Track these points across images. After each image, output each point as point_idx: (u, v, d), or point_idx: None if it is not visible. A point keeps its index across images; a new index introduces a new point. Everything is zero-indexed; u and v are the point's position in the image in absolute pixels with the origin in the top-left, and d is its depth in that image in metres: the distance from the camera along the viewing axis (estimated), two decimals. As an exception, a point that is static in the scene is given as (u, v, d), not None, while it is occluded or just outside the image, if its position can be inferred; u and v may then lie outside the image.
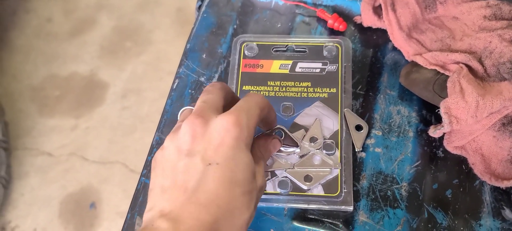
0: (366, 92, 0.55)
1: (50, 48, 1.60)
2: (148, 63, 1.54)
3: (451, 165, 0.50)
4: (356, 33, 0.59)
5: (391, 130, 0.53)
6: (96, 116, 1.46)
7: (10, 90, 1.51)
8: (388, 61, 0.57)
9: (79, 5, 1.69)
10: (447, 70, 0.51)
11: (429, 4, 0.57)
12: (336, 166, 0.49)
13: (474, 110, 0.46)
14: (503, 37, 0.50)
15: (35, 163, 1.39)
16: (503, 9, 0.54)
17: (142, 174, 0.52)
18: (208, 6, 0.62)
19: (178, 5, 1.65)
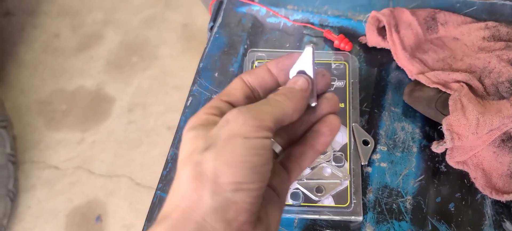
0: (371, 109, 0.58)
1: (57, 63, 1.63)
2: (154, 78, 1.57)
3: (453, 179, 0.53)
4: (361, 53, 0.62)
5: (395, 145, 0.55)
6: (102, 130, 1.48)
7: (18, 104, 1.54)
8: (392, 80, 0.60)
9: (86, 21, 1.72)
10: (448, 88, 0.54)
11: (431, 26, 0.60)
12: (346, 177, 0.52)
13: (474, 127, 0.49)
14: (501, 57, 0.53)
15: (41, 176, 1.41)
16: (501, 31, 0.57)
17: (158, 188, 0.54)
18: (220, 27, 0.65)
19: (183, 21, 1.69)
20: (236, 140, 0.28)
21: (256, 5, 0.66)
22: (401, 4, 0.65)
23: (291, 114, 0.32)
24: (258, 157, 0.28)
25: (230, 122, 0.29)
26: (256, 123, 0.29)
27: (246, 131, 0.28)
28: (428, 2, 0.65)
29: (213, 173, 0.28)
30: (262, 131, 0.29)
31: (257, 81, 0.34)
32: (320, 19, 0.65)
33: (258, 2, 0.67)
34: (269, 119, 0.30)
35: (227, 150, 0.28)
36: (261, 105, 0.31)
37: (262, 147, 0.29)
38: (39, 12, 1.75)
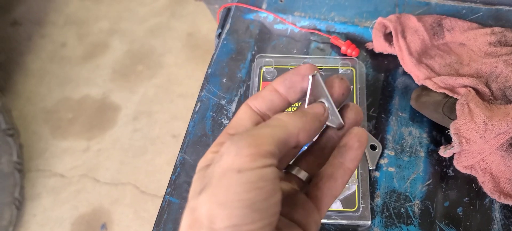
0: (378, 114, 0.58)
1: (63, 72, 1.64)
2: (159, 86, 1.58)
3: (461, 184, 0.53)
4: (368, 59, 0.63)
5: (403, 150, 0.55)
6: (107, 138, 1.49)
7: (24, 113, 1.55)
8: (399, 85, 0.60)
9: (93, 30, 1.74)
10: (455, 93, 0.54)
11: (437, 31, 0.61)
12: (353, 182, 0.52)
13: (482, 131, 0.49)
14: (508, 62, 0.53)
15: (47, 184, 1.41)
16: (507, 36, 0.57)
17: (167, 192, 0.55)
18: (228, 33, 0.66)
19: (188, 30, 1.70)
20: (230, 175, 0.24)
21: (264, 12, 0.67)
22: (407, 10, 0.66)
23: (298, 134, 0.28)
24: (256, 191, 0.24)
25: (223, 156, 0.25)
26: (251, 150, 0.25)
27: (240, 163, 0.24)
28: (434, 8, 0.66)
29: (207, 218, 0.24)
30: (260, 159, 0.25)
31: (265, 105, 0.31)
32: (327, 25, 0.66)
33: (265, 9, 0.67)
34: (268, 142, 0.26)
35: (220, 189, 0.24)
36: (258, 129, 0.27)
37: (260, 178, 0.24)
38: (46, 22, 1.77)
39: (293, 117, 0.28)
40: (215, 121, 0.59)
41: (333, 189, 0.30)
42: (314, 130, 0.29)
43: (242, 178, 0.24)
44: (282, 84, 0.31)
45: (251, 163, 0.24)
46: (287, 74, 0.31)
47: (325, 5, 0.67)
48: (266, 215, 0.25)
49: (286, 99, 0.31)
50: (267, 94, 0.31)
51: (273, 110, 0.31)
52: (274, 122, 0.27)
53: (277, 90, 0.31)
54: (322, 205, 0.30)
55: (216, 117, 0.60)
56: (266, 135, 0.26)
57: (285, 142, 0.27)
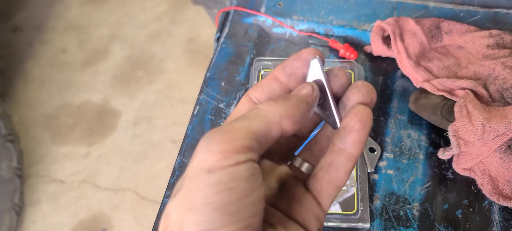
0: (377, 117, 0.58)
1: (64, 77, 1.65)
2: (159, 92, 1.58)
3: (460, 186, 0.53)
4: (366, 62, 0.63)
5: (402, 152, 0.55)
6: (108, 143, 1.49)
7: (24, 119, 1.55)
8: (398, 88, 0.60)
9: (93, 36, 1.75)
10: (454, 95, 0.54)
11: (435, 34, 0.61)
12: (352, 184, 0.52)
13: (480, 133, 0.49)
14: (505, 64, 0.53)
15: (47, 190, 1.41)
16: (505, 39, 0.57)
17: (165, 196, 0.55)
18: (227, 37, 0.66)
19: (189, 36, 1.71)
20: (200, 176, 0.22)
21: (262, 16, 0.67)
22: (405, 13, 0.66)
23: (280, 122, 0.25)
24: (227, 192, 0.22)
25: (195, 155, 0.23)
26: (222, 146, 0.22)
27: (211, 161, 0.22)
28: (432, 11, 0.66)
29: (177, 223, 0.22)
30: (232, 155, 0.22)
31: (265, 94, 0.29)
32: (325, 29, 0.66)
33: (264, 13, 0.68)
34: (242, 136, 0.23)
35: (190, 192, 0.22)
36: (233, 122, 0.24)
37: (231, 178, 0.22)
38: (47, 28, 1.78)
39: (273, 104, 0.25)
40: (214, 124, 0.59)
41: (334, 179, 0.27)
42: (300, 114, 0.26)
43: (211, 179, 0.22)
44: (282, 71, 0.28)
45: (222, 161, 0.22)
46: (288, 61, 0.29)
47: (324, 9, 0.68)
48: (241, 217, 0.22)
49: (287, 88, 0.29)
50: (267, 84, 0.29)
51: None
52: (252, 112, 0.25)
53: (277, 78, 0.29)
54: (323, 198, 0.27)
55: (215, 120, 0.60)
56: (240, 128, 0.23)
57: (265, 133, 0.24)
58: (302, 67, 0.28)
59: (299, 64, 0.28)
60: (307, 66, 0.28)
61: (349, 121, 0.26)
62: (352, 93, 0.27)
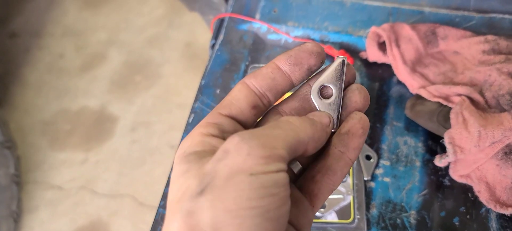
0: (373, 124, 0.58)
1: (61, 83, 1.64)
2: (157, 97, 1.58)
3: (457, 193, 0.52)
4: (362, 68, 0.63)
5: (398, 160, 0.55)
6: (106, 149, 1.48)
7: (22, 125, 1.54)
8: (394, 94, 0.60)
9: (90, 41, 1.74)
10: (450, 102, 0.54)
11: (431, 40, 0.61)
12: (349, 192, 0.52)
13: (476, 140, 0.49)
14: (501, 70, 0.53)
15: (45, 197, 1.40)
16: (500, 44, 0.57)
17: (160, 205, 0.54)
18: (222, 44, 0.66)
19: (186, 40, 1.70)
20: (240, 178, 0.21)
21: (257, 22, 0.67)
22: (401, 19, 0.66)
23: (308, 142, 0.25)
24: (270, 198, 0.21)
25: (230, 154, 0.22)
26: (266, 152, 0.22)
27: (253, 164, 0.21)
28: (428, 17, 0.66)
29: (211, 226, 0.21)
30: (274, 162, 0.22)
31: (265, 84, 0.27)
32: (321, 35, 0.66)
33: (259, 19, 0.67)
34: (281, 145, 0.23)
35: (229, 194, 0.21)
36: (270, 129, 0.24)
37: (275, 184, 0.22)
38: (44, 34, 1.78)
39: (304, 123, 0.25)
40: (209, 132, 0.59)
41: (331, 183, 0.27)
42: (322, 141, 0.26)
43: (255, 182, 0.21)
44: (286, 61, 0.27)
45: (265, 166, 0.22)
46: (293, 51, 0.27)
47: (319, 15, 0.67)
48: (278, 225, 0.22)
49: (290, 79, 0.28)
50: (269, 72, 0.27)
51: (274, 90, 0.27)
52: (286, 125, 0.24)
53: (280, 68, 0.27)
54: (318, 201, 0.27)
55: (210, 129, 0.59)
56: (280, 138, 0.23)
57: (295, 148, 0.24)
58: (308, 59, 0.27)
59: (306, 55, 0.27)
60: (314, 59, 0.27)
61: (352, 127, 0.27)
62: (354, 94, 0.28)
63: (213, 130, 0.26)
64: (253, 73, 0.27)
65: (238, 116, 0.27)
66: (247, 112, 0.27)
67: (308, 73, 0.28)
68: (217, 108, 0.28)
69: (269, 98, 0.28)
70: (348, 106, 0.28)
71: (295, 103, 0.29)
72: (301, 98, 0.29)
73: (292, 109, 0.29)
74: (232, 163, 0.22)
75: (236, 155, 0.22)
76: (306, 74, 0.28)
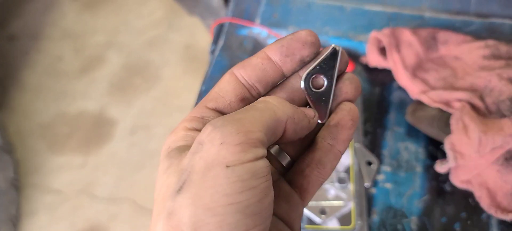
0: (374, 129, 0.58)
1: (60, 86, 1.64)
2: (157, 99, 1.57)
3: (458, 199, 0.52)
4: (363, 73, 0.63)
5: (399, 165, 0.55)
6: (105, 153, 1.48)
7: (20, 128, 1.54)
8: (395, 99, 0.60)
9: (89, 44, 1.74)
10: (450, 107, 0.54)
11: (431, 45, 0.61)
12: (349, 199, 0.51)
13: (477, 146, 0.49)
14: (501, 76, 0.53)
15: (44, 201, 1.40)
16: (500, 50, 0.57)
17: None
18: (222, 49, 0.66)
19: (186, 42, 1.70)
20: (216, 171, 0.20)
21: (257, 28, 0.67)
22: (401, 23, 0.66)
23: (286, 121, 0.23)
24: (251, 191, 0.20)
25: (204, 145, 0.21)
26: (240, 138, 0.20)
27: (227, 154, 0.20)
28: (428, 21, 0.66)
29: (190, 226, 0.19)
30: (251, 148, 0.20)
31: (254, 74, 0.26)
32: (321, 40, 0.65)
33: (259, 24, 0.67)
34: (257, 127, 0.21)
35: (206, 189, 0.20)
36: (244, 112, 0.22)
37: (253, 175, 0.20)
38: (43, 36, 1.77)
39: (282, 101, 0.24)
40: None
41: (321, 176, 0.26)
42: (301, 126, 0.24)
43: (232, 175, 0.20)
44: (278, 51, 0.26)
45: (240, 155, 0.20)
46: (284, 40, 0.26)
47: (319, 20, 0.67)
48: (261, 220, 0.20)
49: (280, 70, 0.26)
50: (258, 63, 0.26)
51: (264, 82, 0.26)
52: (261, 104, 0.23)
53: (270, 58, 0.26)
54: (308, 195, 0.26)
55: (211, 135, 0.59)
56: (255, 119, 0.21)
57: (273, 129, 0.22)
58: (301, 49, 0.26)
59: (298, 45, 0.26)
60: (307, 49, 0.26)
61: (342, 118, 0.26)
62: (345, 84, 0.27)
63: (197, 123, 0.25)
64: (242, 63, 0.26)
65: (225, 109, 0.26)
66: (235, 105, 0.26)
67: (301, 64, 0.26)
68: (203, 101, 0.26)
69: (259, 90, 0.26)
70: (338, 97, 0.27)
71: (282, 94, 0.27)
72: (290, 89, 0.27)
73: None
74: (206, 155, 0.20)
75: (210, 145, 0.20)
76: (298, 65, 0.26)
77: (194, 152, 0.21)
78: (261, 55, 0.26)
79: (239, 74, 0.26)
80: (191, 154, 0.21)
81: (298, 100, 0.27)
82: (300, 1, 0.69)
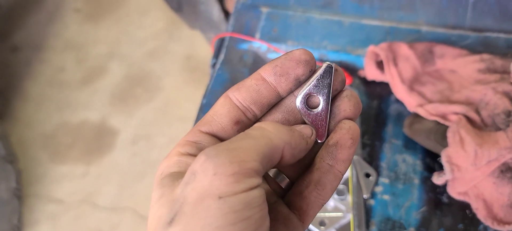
0: (372, 142, 0.59)
1: (62, 96, 1.65)
2: (158, 109, 1.59)
3: (455, 210, 0.53)
4: (360, 86, 0.64)
5: (397, 177, 0.56)
6: (106, 162, 1.49)
7: (22, 138, 1.55)
8: (392, 112, 0.61)
9: (91, 55, 1.76)
10: (447, 120, 0.55)
11: (428, 59, 0.62)
12: (348, 210, 0.52)
13: (473, 159, 0.50)
14: (496, 90, 0.54)
15: (46, 210, 1.41)
16: (495, 63, 0.58)
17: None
18: (222, 63, 0.67)
19: (187, 53, 1.72)
20: (208, 203, 0.19)
21: (257, 42, 0.68)
22: (398, 37, 0.67)
23: (283, 148, 0.23)
24: (244, 222, 0.19)
25: (197, 175, 0.20)
26: (234, 168, 0.20)
27: (221, 185, 0.19)
28: (425, 35, 0.67)
29: None
30: (245, 179, 0.20)
31: (249, 96, 0.25)
32: (320, 54, 0.67)
33: (259, 39, 0.69)
34: (252, 157, 0.21)
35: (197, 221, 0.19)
36: (238, 141, 0.22)
37: (246, 206, 0.20)
38: (46, 47, 1.79)
39: (279, 127, 0.23)
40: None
41: (321, 197, 0.25)
42: (299, 149, 0.24)
43: (224, 207, 0.19)
44: (272, 71, 0.25)
45: (234, 185, 0.20)
46: (278, 60, 0.25)
47: (318, 34, 0.69)
48: None
49: (275, 91, 0.26)
50: (252, 84, 0.25)
51: (259, 103, 0.26)
52: (257, 131, 0.22)
53: (265, 79, 0.25)
54: (307, 217, 0.25)
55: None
56: (249, 148, 0.21)
57: (270, 157, 0.22)
58: (295, 68, 0.25)
59: (292, 64, 0.25)
60: (302, 68, 0.25)
61: (342, 137, 0.25)
62: (343, 102, 0.26)
63: (190, 148, 0.24)
64: (237, 86, 0.26)
65: (219, 133, 0.25)
66: (229, 129, 0.25)
67: (296, 83, 0.26)
68: (198, 125, 0.26)
69: (254, 112, 0.26)
70: (336, 115, 0.26)
71: (278, 115, 0.27)
72: (285, 110, 0.27)
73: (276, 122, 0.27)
74: (199, 186, 0.20)
75: (202, 176, 0.20)
76: (294, 85, 0.26)
77: (186, 182, 0.21)
78: (256, 76, 0.26)
79: (233, 97, 0.25)
80: (183, 184, 0.21)
81: (294, 121, 0.27)
82: (299, 16, 0.71)
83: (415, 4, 0.70)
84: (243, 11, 0.72)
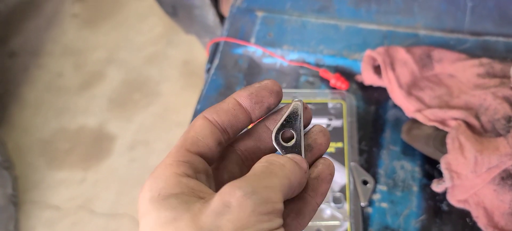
0: (370, 148, 0.58)
1: (60, 102, 1.64)
2: (156, 115, 1.57)
3: (455, 218, 0.52)
4: (358, 91, 0.62)
5: (395, 184, 0.55)
6: (104, 168, 1.48)
7: (19, 144, 1.54)
8: (390, 118, 0.60)
9: (89, 60, 1.75)
10: (446, 126, 0.54)
11: (426, 63, 0.61)
12: (345, 219, 0.51)
13: (473, 166, 0.48)
14: (496, 94, 0.53)
15: (42, 217, 1.40)
16: (495, 68, 0.57)
17: None
18: (217, 68, 0.66)
19: (185, 58, 1.71)
20: None
21: (252, 46, 0.67)
22: (396, 42, 0.66)
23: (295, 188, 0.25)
24: None
25: (233, 209, 0.21)
26: (268, 208, 0.22)
27: (257, 222, 0.21)
28: (423, 39, 0.66)
29: None
30: (276, 218, 0.22)
31: (227, 119, 0.27)
32: (316, 58, 0.66)
33: (254, 43, 0.68)
34: (279, 197, 0.23)
35: None
36: (267, 179, 0.23)
37: None
38: (43, 52, 1.78)
39: (294, 166, 0.25)
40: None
41: (300, 226, 0.27)
42: (302, 186, 0.26)
43: None
44: (247, 98, 0.27)
45: (268, 223, 0.21)
46: (253, 88, 0.27)
47: (314, 39, 0.68)
48: None
49: (249, 116, 0.27)
50: (231, 109, 0.27)
51: (235, 127, 0.27)
52: (281, 171, 0.24)
53: (241, 105, 0.27)
54: None
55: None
56: (277, 188, 0.23)
57: (286, 196, 0.24)
58: (268, 97, 0.27)
59: (266, 93, 0.27)
60: (273, 97, 0.27)
61: (323, 172, 0.27)
62: (319, 137, 0.28)
63: (187, 169, 0.25)
64: (214, 108, 0.27)
65: (207, 153, 0.26)
66: (214, 149, 0.26)
67: (267, 111, 0.28)
68: (183, 144, 0.26)
69: (229, 135, 0.27)
70: (314, 148, 0.28)
71: (250, 142, 0.29)
72: (256, 138, 0.29)
73: (247, 148, 0.29)
74: (235, 219, 0.21)
75: (239, 210, 0.21)
76: (265, 113, 0.28)
77: (219, 212, 0.21)
78: (232, 101, 0.27)
79: (212, 119, 0.27)
80: (214, 213, 0.21)
81: (263, 148, 0.29)
82: (295, 20, 0.70)
83: (413, 8, 0.69)
84: (238, 15, 0.71)
